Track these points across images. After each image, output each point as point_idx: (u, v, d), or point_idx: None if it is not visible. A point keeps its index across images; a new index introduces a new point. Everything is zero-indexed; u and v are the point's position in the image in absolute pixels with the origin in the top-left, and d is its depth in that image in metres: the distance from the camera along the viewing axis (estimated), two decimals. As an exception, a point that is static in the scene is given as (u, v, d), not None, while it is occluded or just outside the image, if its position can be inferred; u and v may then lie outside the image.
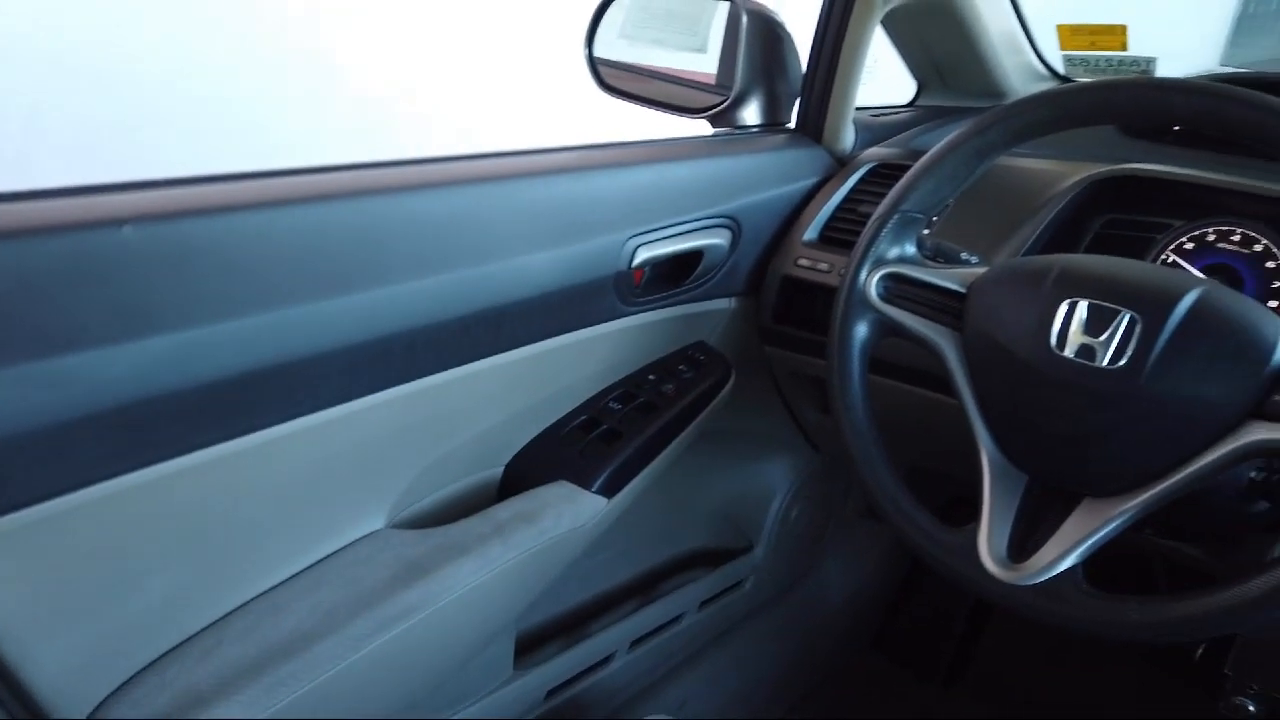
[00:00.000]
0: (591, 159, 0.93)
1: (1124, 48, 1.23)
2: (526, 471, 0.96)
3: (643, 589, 1.23)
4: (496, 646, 1.00)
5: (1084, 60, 1.30)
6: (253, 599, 0.74)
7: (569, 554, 0.96)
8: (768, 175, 1.09)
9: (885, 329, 0.81)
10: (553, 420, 0.99)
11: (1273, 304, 0.87)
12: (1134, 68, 1.28)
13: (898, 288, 0.80)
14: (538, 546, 0.89)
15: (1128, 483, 0.66)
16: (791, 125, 1.20)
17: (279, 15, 2.27)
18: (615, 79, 1.28)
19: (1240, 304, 0.67)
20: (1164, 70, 1.27)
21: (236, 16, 2.21)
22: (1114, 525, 0.66)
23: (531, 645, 1.09)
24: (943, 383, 0.77)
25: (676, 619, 1.28)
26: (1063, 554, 0.67)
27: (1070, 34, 1.22)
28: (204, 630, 0.71)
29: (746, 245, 1.07)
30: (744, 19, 1.13)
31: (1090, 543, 0.67)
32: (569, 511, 0.92)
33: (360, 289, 0.71)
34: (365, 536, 0.83)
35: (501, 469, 0.97)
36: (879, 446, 0.80)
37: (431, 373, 0.80)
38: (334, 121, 2.39)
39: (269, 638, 0.71)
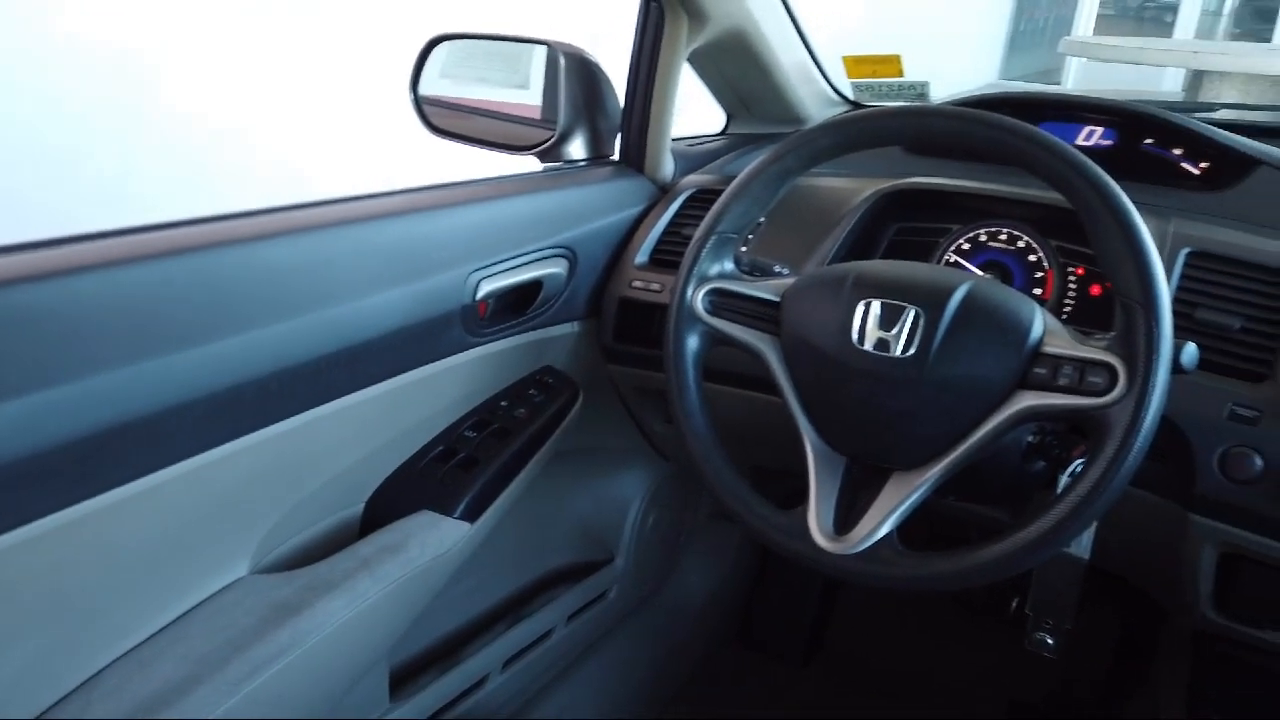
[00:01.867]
0: (432, 199, 0.97)
1: (900, 74, 1.38)
2: (388, 505, 0.98)
3: (511, 609, 1.27)
4: (371, 680, 1.02)
5: (869, 86, 1.45)
6: (119, 657, 0.74)
7: (436, 581, 0.99)
8: (598, 205, 1.17)
9: (714, 339, 0.89)
10: (410, 453, 1.02)
11: (1037, 291, 1.02)
12: (911, 90, 1.44)
13: (721, 301, 0.88)
14: (405, 576, 0.91)
15: (926, 455, 0.77)
16: (615, 158, 1.28)
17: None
18: (442, 119, 1.32)
19: (1002, 293, 0.79)
20: (948, 87, 1.43)
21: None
22: (919, 494, 0.76)
23: (406, 676, 1.10)
24: (770, 384, 0.86)
25: (546, 635, 1.32)
26: (879, 523, 0.76)
27: (854, 64, 1.37)
28: (71, 693, 0.70)
29: (583, 272, 1.14)
30: (562, 61, 1.20)
31: (901, 510, 0.76)
32: (433, 540, 0.95)
33: (209, 340, 0.73)
34: (230, 584, 0.83)
35: (362, 506, 0.99)
36: (717, 447, 0.88)
37: (287, 416, 0.82)
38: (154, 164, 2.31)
39: (140, 693, 0.71)
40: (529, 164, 1.25)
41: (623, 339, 1.17)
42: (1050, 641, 0.95)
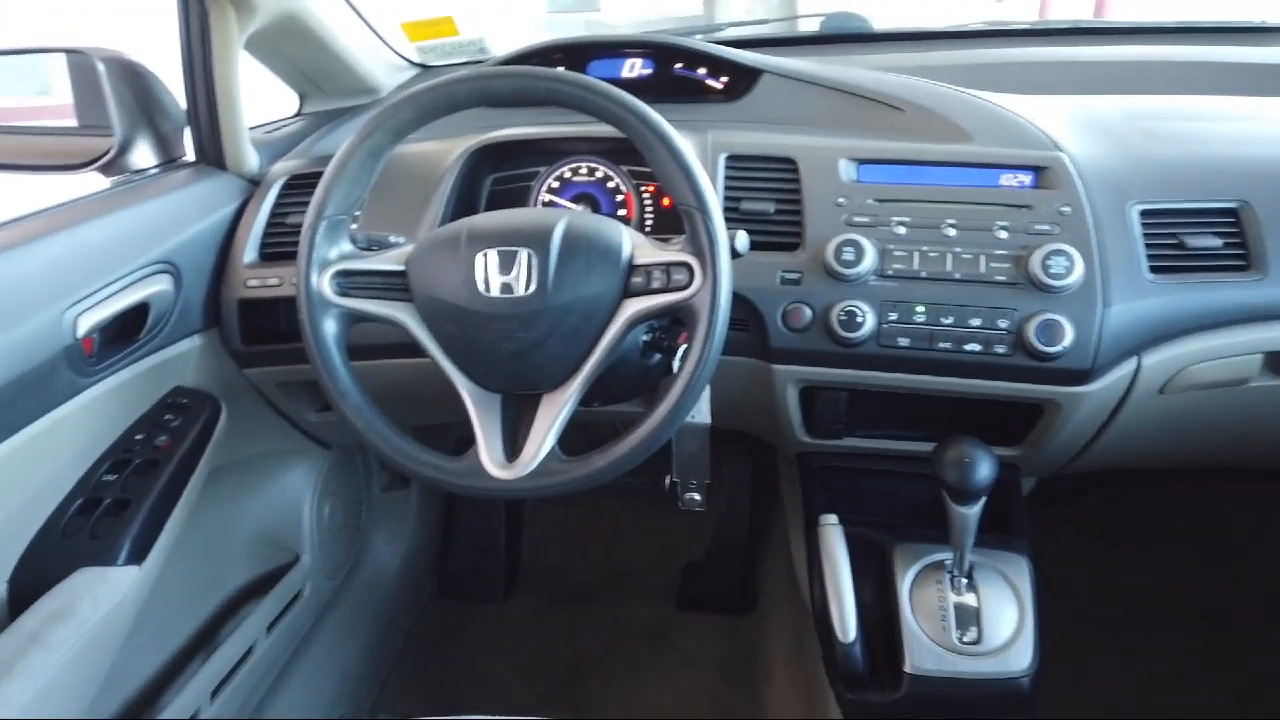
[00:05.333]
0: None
1: (456, 33, 1.46)
2: (36, 576, 0.91)
3: (206, 638, 1.22)
4: None
5: (433, 47, 1.51)
6: None
7: (117, 634, 0.94)
8: (187, 212, 1.12)
9: (351, 319, 0.92)
10: (46, 516, 0.94)
11: (621, 212, 1.17)
12: (471, 47, 1.53)
13: (348, 281, 0.91)
14: (82, 639, 0.86)
15: (566, 373, 0.88)
16: (191, 158, 1.23)
17: None
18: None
19: (594, 222, 0.91)
20: (505, 27, 1.51)
21: None
22: (568, 408, 0.87)
23: None
24: (415, 348, 0.91)
25: (249, 653, 1.29)
26: (542, 441, 0.86)
27: (412, 29, 1.42)
28: None
29: (191, 283, 1.09)
30: (101, 67, 1.12)
31: (556, 427, 0.87)
32: (103, 593, 0.90)
33: None
34: None
35: (5, 585, 0.90)
36: (380, 418, 0.92)
37: None
38: None
39: None
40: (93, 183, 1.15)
41: (252, 341, 1.14)
42: (698, 498, 1.14)
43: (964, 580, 1.04)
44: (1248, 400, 1.04)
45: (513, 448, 0.89)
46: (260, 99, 1.31)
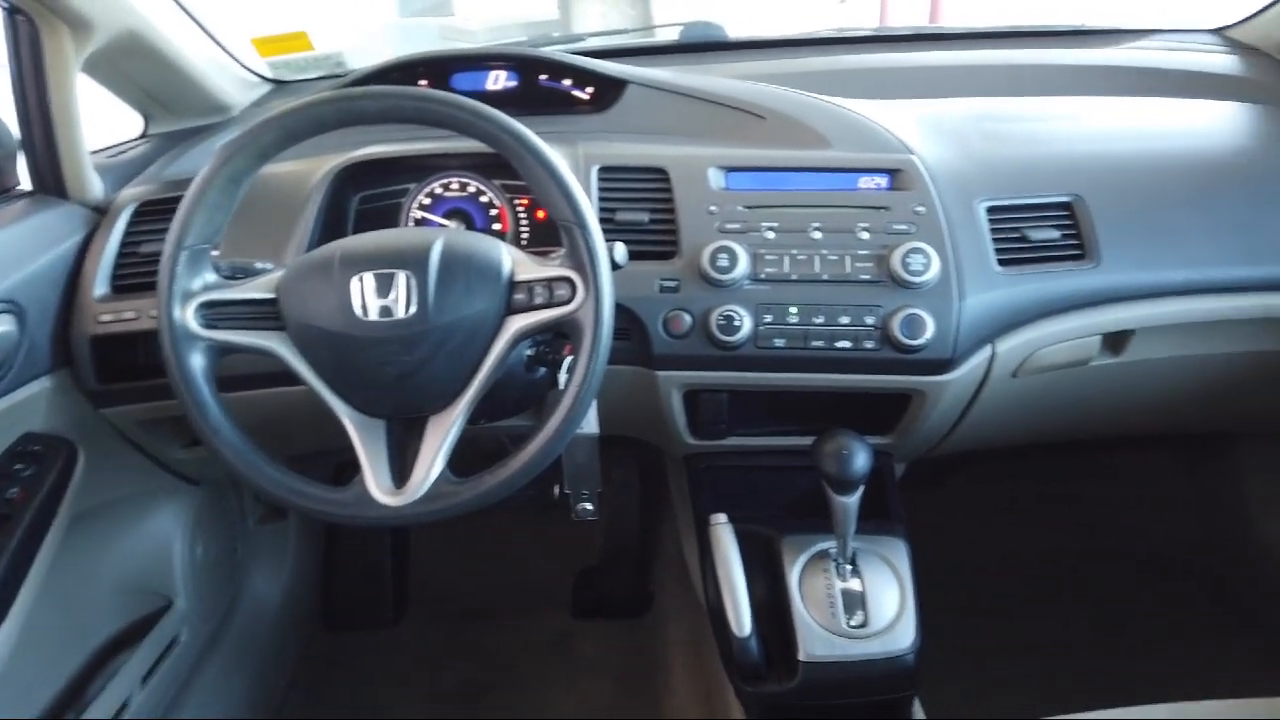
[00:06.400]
0: None
1: (311, 48, 1.42)
2: None
3: (74, 697, 1.14)
4: None
5: (286, 62, 1.46)
6: None
7: None
8: (26, 245, 1.04)
9: (219, 352, 0.88)
10: None
11: (496, 227, 1.16)
12: (328, 61, 1.49)
13: (214, 313, 0.87)
14: None
15: (452, 394, 0.86)
16: (27, 188, 1.15)
17: None
18: None
19: (471, 240, 0.90)
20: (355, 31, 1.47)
21: None
22: (456, 429, 0.86)
23: None
24: (289, 377, 0.88)
25: (123, 707, 1.21)
26: (431, 465, 0.85)
27: (263, 45, 1.37)
28: None
29: (36, 322, 1.02)
30: (-82, 91, 1.03)
31: (444, 449, 0.86)
32: None
33: None
34: None
35: None
36: (257, 453, 0.88)
37: None
38: None
39: None
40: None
41: (108, 379, 1.08)
42: (590, 507, 1.15)
43: (848, 567, 1.09)
44: (1090, 378, 1.13)
45: (400, 473, 0.87)
46: (94, 120, 1.23)
